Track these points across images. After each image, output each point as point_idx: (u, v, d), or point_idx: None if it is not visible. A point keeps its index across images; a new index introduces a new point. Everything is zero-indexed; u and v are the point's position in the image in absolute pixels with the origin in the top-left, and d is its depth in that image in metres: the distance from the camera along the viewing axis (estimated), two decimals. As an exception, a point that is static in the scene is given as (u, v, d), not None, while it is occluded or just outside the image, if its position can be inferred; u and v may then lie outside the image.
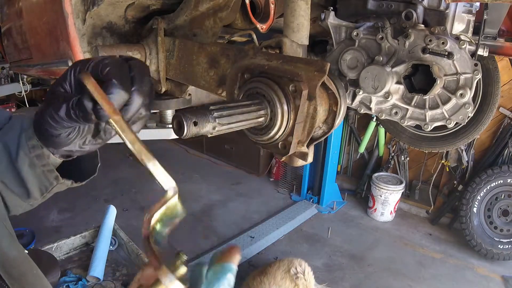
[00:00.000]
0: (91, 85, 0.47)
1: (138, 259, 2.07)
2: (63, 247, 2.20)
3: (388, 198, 4.35)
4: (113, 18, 1.20)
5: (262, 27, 1.11)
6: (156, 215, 0.44)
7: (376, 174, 4.53)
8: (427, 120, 1.24)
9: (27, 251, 0.60)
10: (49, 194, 0.68)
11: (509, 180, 3.70)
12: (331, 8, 1.27)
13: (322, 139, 0.70)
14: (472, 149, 4.08)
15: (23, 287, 0.51)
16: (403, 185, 4.39)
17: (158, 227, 0.44)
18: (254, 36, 1.11)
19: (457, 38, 1.15)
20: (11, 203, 0.67)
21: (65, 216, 4.26)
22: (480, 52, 1.25)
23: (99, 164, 0.74)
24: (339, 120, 0.66)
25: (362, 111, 1.32)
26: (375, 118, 4.46)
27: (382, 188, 4.32)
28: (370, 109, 1.29)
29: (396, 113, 1.26)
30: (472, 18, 1.35)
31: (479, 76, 1.11)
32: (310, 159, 0.64)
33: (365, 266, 3.67)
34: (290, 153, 0.64)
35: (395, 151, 4.66)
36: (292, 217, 4.31)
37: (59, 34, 1.16)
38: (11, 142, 0.63)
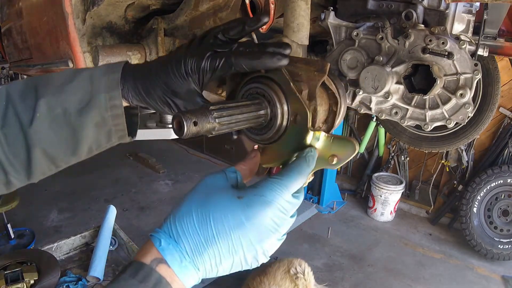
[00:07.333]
0: None
1: (138, 259, 2.06)
2: (63, 247, 2.21)
3: (388, 198, 4.35)
4: (113, 18, 1.20)
5: (262, 27, 1.11)
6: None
7: (376, 174, 4.53)
8: (427, 120, 1.23)
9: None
10: (96, 152, 0.66)
11: (509, 180, 3.71)
12: (331, 8, 1.27)
13: (322, 139, 0.69)
14: (472, 149, 4.08)
15: None
16: (403, 185, 4.39)
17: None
18: (254, 36, 1.11)
19: (457, 38, 1.14)
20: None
21: (65, 216, 4.26)
22: (480, 52, 1.25)
23: (139, 123, 0.71)
24: (339, 120, 0.66)
25: (362, 111, 1.32)
26: (375, 118, 4.46)
27: (382, 188, 4.32)
28: (370, 109, 1.29)
29: (396, 113, 1.26)
30: (472, 18, 1.35)
31: (479, 76, 1.11)
32: (310, 159, 0.64)
33: (365, 266, 3.68)
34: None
35: (395, 151, 4.66)
36: (292, 217, 4.33)
37: (59, 34, 1.17)
38: (71, 101, 0.60)
